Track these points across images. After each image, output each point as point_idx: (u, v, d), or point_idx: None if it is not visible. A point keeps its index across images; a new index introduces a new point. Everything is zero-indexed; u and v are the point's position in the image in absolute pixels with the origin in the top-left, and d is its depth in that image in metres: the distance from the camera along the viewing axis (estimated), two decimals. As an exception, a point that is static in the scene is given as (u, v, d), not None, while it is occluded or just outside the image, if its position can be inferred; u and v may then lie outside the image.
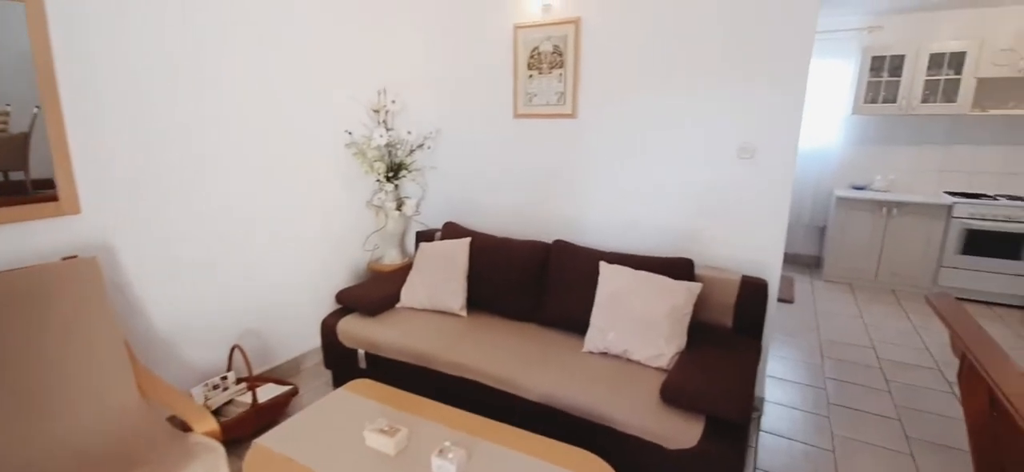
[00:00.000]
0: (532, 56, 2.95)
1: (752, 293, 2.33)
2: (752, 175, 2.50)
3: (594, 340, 2.30)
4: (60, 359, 1.78)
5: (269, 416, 2.46)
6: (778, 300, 2.50)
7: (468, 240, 2.93)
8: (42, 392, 1.73)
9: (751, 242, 2.54)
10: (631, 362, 2.20)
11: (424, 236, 3.31)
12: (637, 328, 2.20)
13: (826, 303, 4.27)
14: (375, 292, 2.84)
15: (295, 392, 2.62)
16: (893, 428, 2.52)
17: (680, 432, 1.77)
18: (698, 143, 2.60)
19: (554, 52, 2.87)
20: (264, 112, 2.68)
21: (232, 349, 2.57)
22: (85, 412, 1.78)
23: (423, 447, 1.68)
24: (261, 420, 2.42)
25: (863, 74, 4.68)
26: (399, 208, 3.39)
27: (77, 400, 1.78)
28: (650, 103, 2.68)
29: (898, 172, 4.88)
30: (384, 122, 3.25)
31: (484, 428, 1.78)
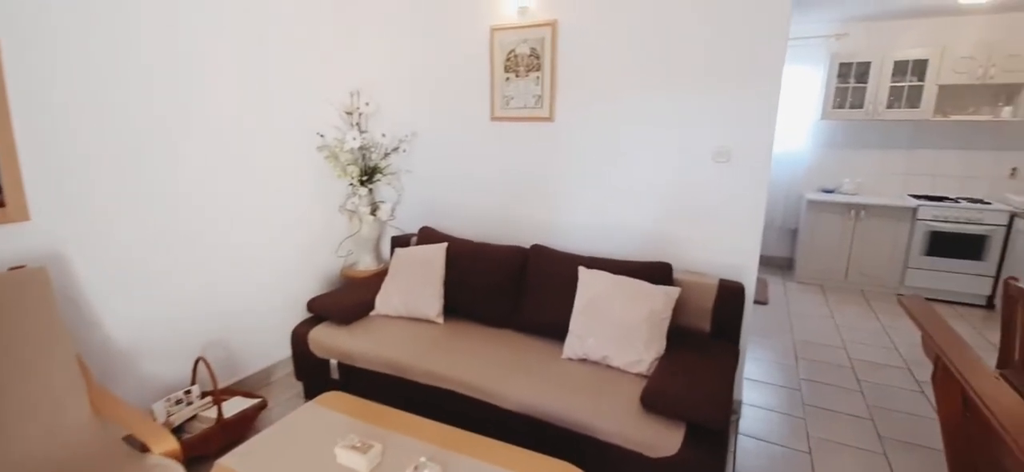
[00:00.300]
0: (509, 58, 2.91)
1: (729, 297, 2.33)
2: (728, 179, 2.51)
3: (573, 346, 2.27)
4: (5, 377, 1.65)
5: (236, 431, 2.36)
6: (754, 302, 2.51)
7: (445, 245, 2.87)
8: (-17, 414, 1.60)
9: (728, 245, 2.55)
10: (610, 368, 2.17)
11: (399, 241, 3.24)
12: (616, 334, 2.17)
13: (799, 304, 4.35)
14: (348, 299, 2.75)
15: (264, 405, 2.51)
16: (866, 428, 2.56)
17: (661, 440, 1.75)
18: (675, 147, 2.60)
19: (531, 55, 2.84)
20: (230, 113, 2.58)
21: (196, 362, 2.45)
22: (33, 433, 1.66)
23: (397, 463, 1.61)
24: (227, 436, 2.31)
25: (831, 80, 4.80)
26: (373, 213, 3.30)
27: (24, 421, 1.66)
28: (627, 107, 2.67)
29: (865, 175, 5.02)
30: (357, 124, 3.17)
31: (461, 441, 1.73)
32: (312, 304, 2.73)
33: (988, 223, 4.22)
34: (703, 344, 2.26)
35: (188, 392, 2.42)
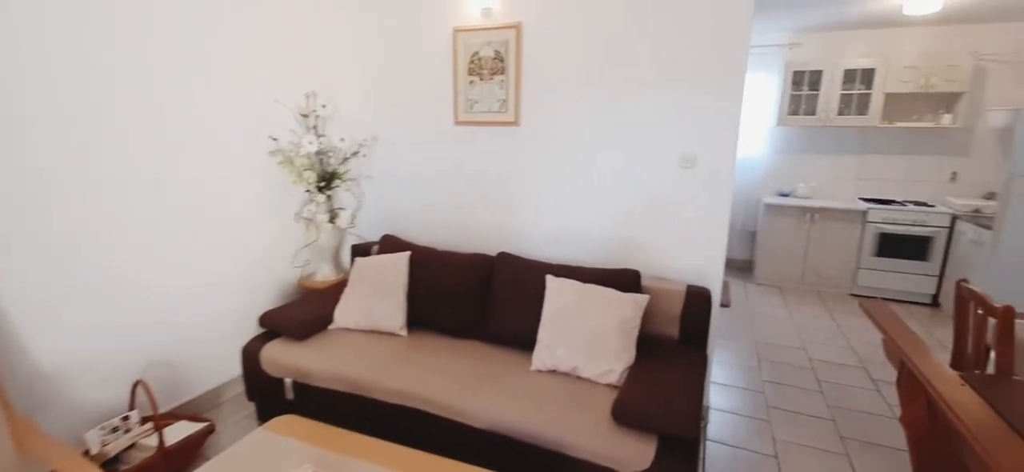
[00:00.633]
0: (473, 61, 2.83)
1: (697, 303, 2.33)
2: (694, 184, 2.51)
3: (542, 358, 2.21)
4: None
5: (180, 460, 2.18)
6: (719, 305, 2.52)
7: (408, 254, 2.76)
8: None
9: (694, 251, 2.55)
10: (581, 379, 2.12)
11: (360, 250, 3.10)
12: (586, 343, 2.12)
13: (759, 306, 4.44)
14: (305, 312, 2.60)
15: (211, 429, 2.34)
16: (828, 429, 2.60)
17: (634, 454, 1.70)
18: (641, 153, 2.58)
19: (495, 58, 2.77)
20: (172, 114, 2.39)
21: (135, 384, 2.25)
22: (-66, 478, 1.47)
23: (358, 492, 1.50)
24: (170, 465, 2.13)
25: (786, 87, 4.95)
26: (332, 220, 3.15)
27: (-78, 464, 1.46)
28: (594, 112, 2.64)
29: (819, 180, 5.19)
30: (314, 128, 3.02)
31: (425, 466, 1.63)
32: (265, 318, 2.57)
33: (932, 225, 4.43)
34: (672, 351, 2.24)
35: (126, 418, 2.23)
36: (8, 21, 1.83)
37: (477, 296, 2.58)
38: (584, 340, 2.13)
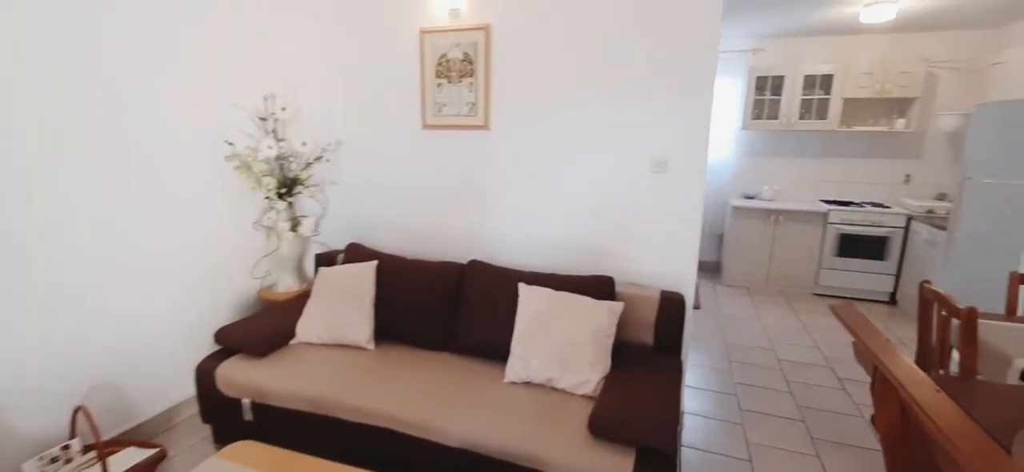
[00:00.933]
0: (440, 63, 2.75)
1: (671, 309, 2.31)
2: (666, 188, 2.50)
3: (516, 369, 2.14)
4: None
5: (126, 491, 2.01)
6: (692, 308, 2.51)
7: (374, 263, 2.65)
8: None
9: (667, 255, 2.54)
10: (556, 391, 2.06)
11: (324, 259, 2.97)
12: (561, 353, 2.07)
13: (728, 307, 4.50)
14: (264, 327, 2.46)
15: (162, 456, 2.18)
16: (799, 430, 2.63)
17: (611, 467, 1.65)
18: (613, 157, 2.56)
19: (464, 60, 2.70)
20: (118, 110, 2.22)
21: (75, 410, 2.08)
22: None
23: (321, 523, 1.40)
24: (115, 498, 1.97)
25: (750, 92, 5.05)
26: (294, 228, 3.01)
27: None
28: (565, 117, 2.60)
29: (782, 182, 5.32)
30: (273, 132, 2.88)
31: (396, 488, 1.54)
32: (221, 334, 2.41)
33: (888, 226, 4.59)
34: (647, 359, 2.21)
35: (66, 447, 2.06)
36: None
37: (447, 306, 2.49)
38: (559, 350, 2.08)
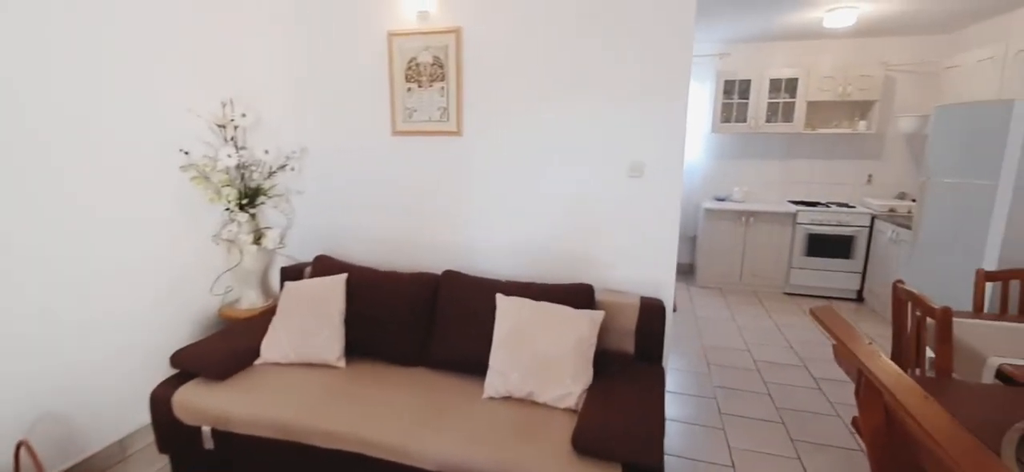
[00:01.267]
0: (410, 67, 2.66)
1: (651, 315, 2.27)
2: (643, 193, 2.47)
3: (495, 384, 2.06)
4: None
5: (70, 535, 1.84)
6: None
7: (344, 276, 2.53)
8: None
9: (645, 260, 2.51)
10: (537, 405, 1.99)
11: (291, 273, 2.82)
12: (541, 367, 2.00)
13: (703, 309, 4.52)
14: (225, 347, 2.31)
15: (113, 492, 2.00)
16: (778, 432, 2.62)
17: (597, 485, 1.59)
18: (590, 162, 2.51)
19: (434, 64, 2.61)
20: (60, 117, 2.05)
21: (18, 446, 1.89)
22: None
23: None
24: (57, 543, 1.79)
25: (719, 96, 5.12)
26: (257, 241, 2.85)
27: None
28: (540, 121, 2.54)
29: (751, 184, 5.40)
30: (233, 139, 2.72)
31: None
32: (178, 357, 2.25)
33: (854, 225, 4.71)
34: (629, 368, 2.16)
35: (2, 489, 1.86)
36: None
37: (422, 319, 2.39)
38: (539, 363, 2.01)
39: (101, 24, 2.16)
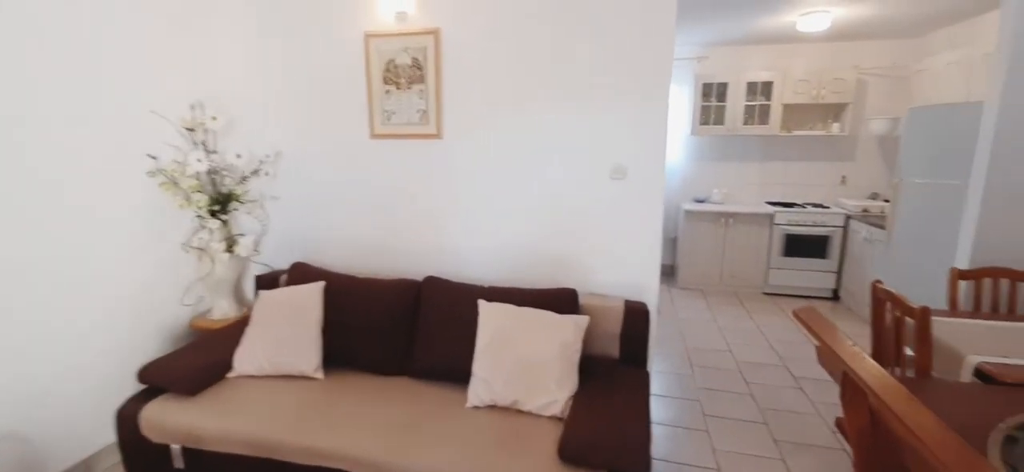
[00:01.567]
0: (388, 69, 2.60)
1: (636, 319, 2.25)
2: (625, 196, 2.45)
3: (478, 393, 2.01)
4: None
5: (27, 565, 1.73)
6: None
7: (321, 284, 2.45)
8: None
9: (629, 263, 2.49)
10: (522, 414, 1.95)
11: (266, 281, 2.73)
12: (525, 374, 1.96)
13: (685, 310, 4.55)
14: (196, 360, 2.21)
15: (74, 518, 1.89)
16: (762, 433, 2.63)
17: (584, 495, 1.55)
18: (572, 165, 2.49)
19: (413, 65, 2.56)
20: (19, 122, 1.93)
21: (-34, 472, 1.77)
22: None
23: None
24: None
25: (697, 99, 5.17)
26: (230, 248, 2.75)
27: None
28: (522, 123, 2.51)
29: (730, 186, 5.47)
30: (203, 143, 2.63)
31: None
32: (145, 372, 2.14)
33: (829, 225, 4.80)
34: (614, 373, 2.14)
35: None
36: None
37: (403, 327, 2.33)
38: (523, 370, 1.97)
39: (60, 24, 2.06)
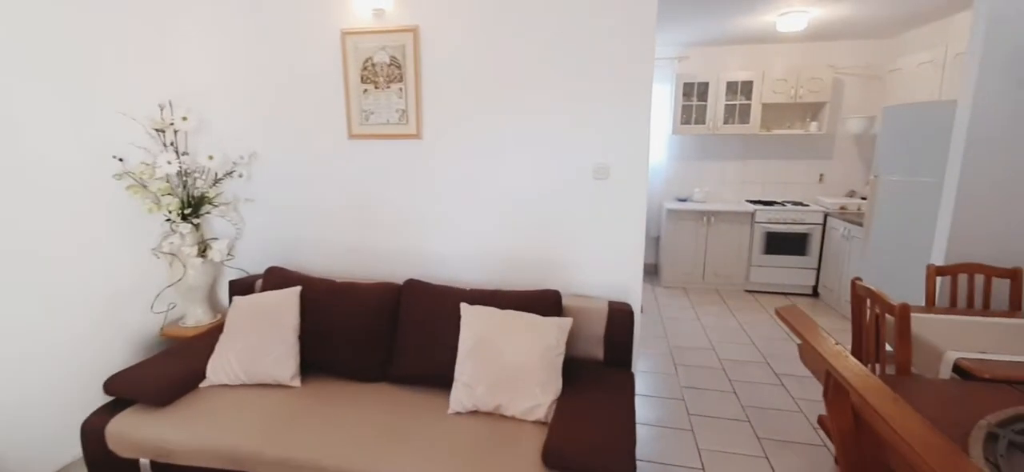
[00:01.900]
0: (366, 68, 2.54)
1: (620, 319, 2.23)
2: (608, 195, 2.43)
3: (460, 398, 1.97)
4: None
5: None
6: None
7: (298, 289, 2.38)
8: None
9: (612, 263, 2.47)
10: (505, 418, 1.91)
11: (240, 287, 2.65)
12: (509, 378, 1.92)
13: (668, 309, 4.56)
14: (167, 370, 2.13)
15: (35, 539, 1.80)
16: (745, 431, 2.64)
17: (569, 502, 1.52)
18: (555, 164, 2.46)
19: (391, 64, 2.50)
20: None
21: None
22: None
23: None
24: None
25: (678, 98, 5.19)
26: (203, 253, 2.67)
27: None
28: (503, 123, 2.47)
29: (711, 184, 5.51)
30: (173, 144, 2.54)
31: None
32: (112, 383, 2.06)
33: (808, 223, 4.86)
34: (599, 375, 2.11)
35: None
36: None
37: (383, 332, 2.28)
38: (506, 374, 1.93)
39: (21, 18, 1.96)
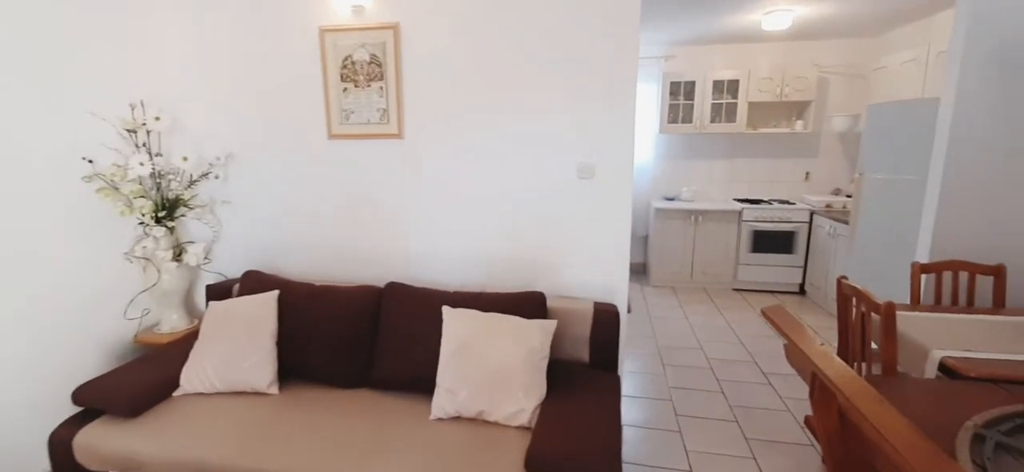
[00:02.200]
0: (345, 66, 2.48)
1: (606, 321, 2.20)
2: (594, 195, 2.40)
3: (442, 404, 1.92)
4: None
5: None
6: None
7: (276, 293, 2.32)
8: None
9: (598, 263, 2.44)
10: (488, 424, 1.87)
11: (217, 291, 2.57)
12: (492, 382, 1.88)
13: (657, 308, 4.55)
14: (138, 379, 2.06)
15: (-3, 558, 1.72)
16: (733, 432, 2.62)
17: (553, 510, 1.48)
18: (539, 164, 2.42)
19: (371, 62, 2.45)
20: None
21: None
22: None
23: None
24: None
25: (665, 97, 5.19)
26: (178, 257, 2.59)
27: None
28: (486, 123, 2.43)
29: (699, 183, 5.51)
30: (146, 145, 2.46)
31: None
32: (80, 393, 1.99)
33: (794, 221, 4.87)
34: (584, 378, 2.07)
35: None
36: None
37: (364, 337, 2.22)
38: (489, 379, 1.89)
39: (-26, 14, 1.88)
